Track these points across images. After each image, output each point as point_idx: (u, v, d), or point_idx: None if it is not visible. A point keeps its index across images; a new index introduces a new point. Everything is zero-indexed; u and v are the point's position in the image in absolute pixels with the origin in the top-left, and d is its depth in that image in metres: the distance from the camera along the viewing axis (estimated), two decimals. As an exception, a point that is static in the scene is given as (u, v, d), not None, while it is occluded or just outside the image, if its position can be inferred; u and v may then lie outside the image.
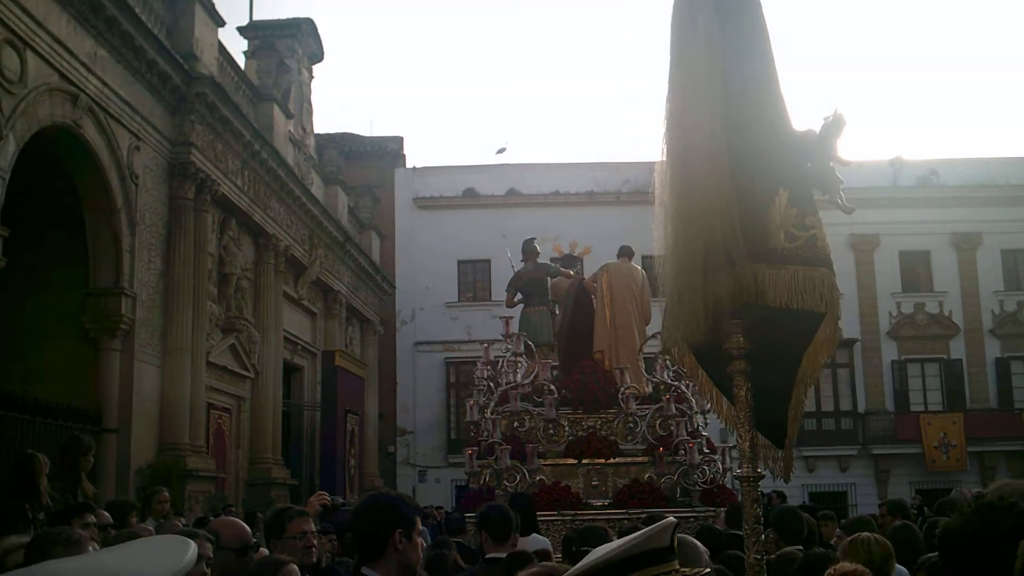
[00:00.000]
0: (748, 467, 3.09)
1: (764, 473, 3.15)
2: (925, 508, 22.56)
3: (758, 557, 2.99)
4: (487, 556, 6.55)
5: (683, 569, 2.65)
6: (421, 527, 4.00)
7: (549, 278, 17.02)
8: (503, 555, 6.16)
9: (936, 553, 5.75)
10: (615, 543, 2.65)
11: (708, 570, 2.82)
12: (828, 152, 3.14)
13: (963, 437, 31.70)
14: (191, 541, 1.71)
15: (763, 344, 3.11)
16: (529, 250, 17.19)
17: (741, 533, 8.25)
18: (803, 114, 3.20)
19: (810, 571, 4.84)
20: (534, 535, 8.42)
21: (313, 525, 5.24)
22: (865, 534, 5.85)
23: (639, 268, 16.58)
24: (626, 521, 13.57)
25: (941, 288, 33.57)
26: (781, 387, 3.23)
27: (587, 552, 5.35)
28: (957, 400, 33.09)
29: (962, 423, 31.96)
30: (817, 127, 3.16)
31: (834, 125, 3.14)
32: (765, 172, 3.07)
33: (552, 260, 18.32)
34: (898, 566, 5.75)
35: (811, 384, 3.19)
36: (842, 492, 31.18)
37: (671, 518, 2.69)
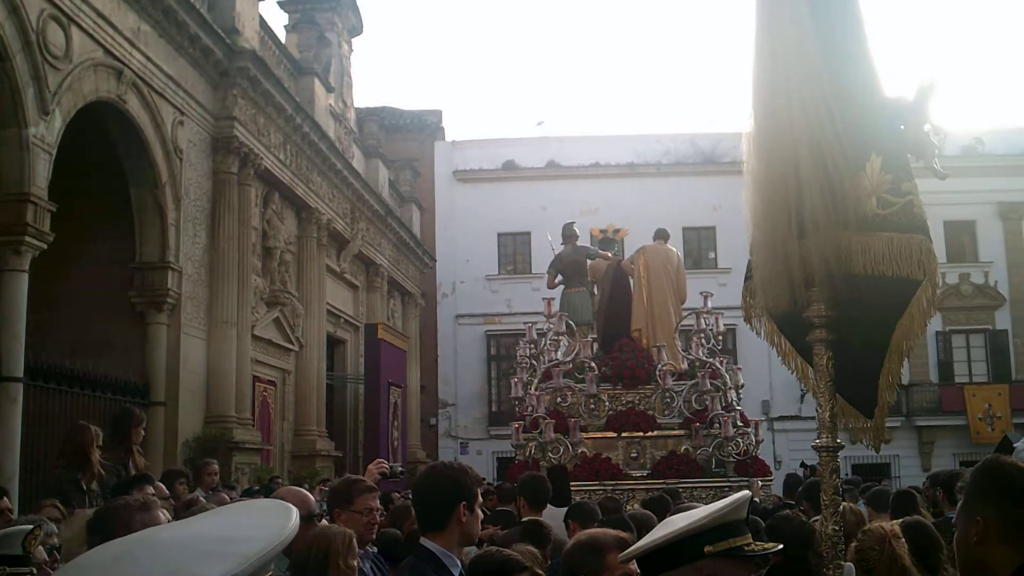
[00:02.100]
0: (827, 437, 3.04)
1: (843, 444, 3.10)
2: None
3: (836, 528, 2.96)
4: (524, 520, 7.06)
5: (755, 543, 2.66)
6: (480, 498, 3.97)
7: (588, 260, 17.79)
8: (539, 520, 6.76)
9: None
10: (697, 514, 2.66)
11: (780, 546, 2.80)
12: (922, 117, 3.08)
13: (1008, 408, 31.34)
14: (293, 507, 1.67)
15: (851, 312, 3.06)
16: (569, 234, 18.00)
17: (792, 502, 8.39)
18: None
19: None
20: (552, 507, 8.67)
21: (378, 502, 5.24)
22: (843, 504, 6.04)
23: (674, 250, 17.46)
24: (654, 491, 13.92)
25: (987, 258, 33.16)
26: (871, 356, 3.18)
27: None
28: (1002, 371, 32.74)
29: (1007, 394, 31.60)
30: (906, 92, 3.11)
31: (928, 89, 3.08)
32: (856, 138, 3.01)
33: (593, 242, 18.88)
34: None
35: (907, 353, 3.13)
36: (885, 464, 30.95)
37: (746, 491, 2.69)
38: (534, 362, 16.55)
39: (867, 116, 3.06)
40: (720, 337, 16.88)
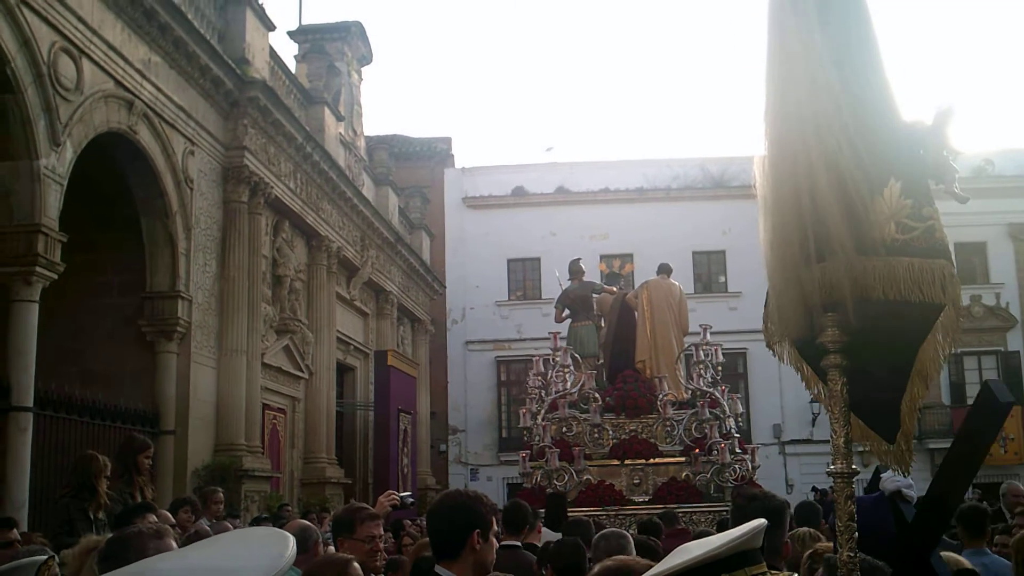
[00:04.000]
0: (842, 463, 3.04)
1: (858, 470, 3.10)
2: (984, 503, 22.20)
3: (851, 555, 2.95)
4: (503, 543, 7.22)
5: (771, 571, 2.65)
6: (496, 527, 3.95)
7: (594, 295, 18.57)
8: (517, 543, 7.21)
9: None
10: (716, 541, 2.65)
11: (796, 575, 2.81)
12: (942, 141, 3.08)
13: (1021, 431, 31.08)
14: (290, 535, 1.67)
15: (869, 338, 3.06)
16: (575, 270, 18.85)
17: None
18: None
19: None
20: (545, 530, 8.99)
21: (382, 529, 5.26)
22: (803, 529, 6.22)
23: (677, 284, 18.29)
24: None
25: (998, 280, 33.09)
26: (891, 381, 3.17)
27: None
28: (1015, 393, 32.19)
29: (1020, 416, 31.29)
30: (924, 116, 3.11)
31: (947, 113, 3.08)
32: (873, 162, 2.99)
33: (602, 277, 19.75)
34: None
35: (932, 378, 3.13)
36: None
37: (763, 520, 2.68)
38: (543, 392, 17.07)
39: (885, 140, 3.04)
40: (719, 367, 17.38)
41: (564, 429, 16.23)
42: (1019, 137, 75.81)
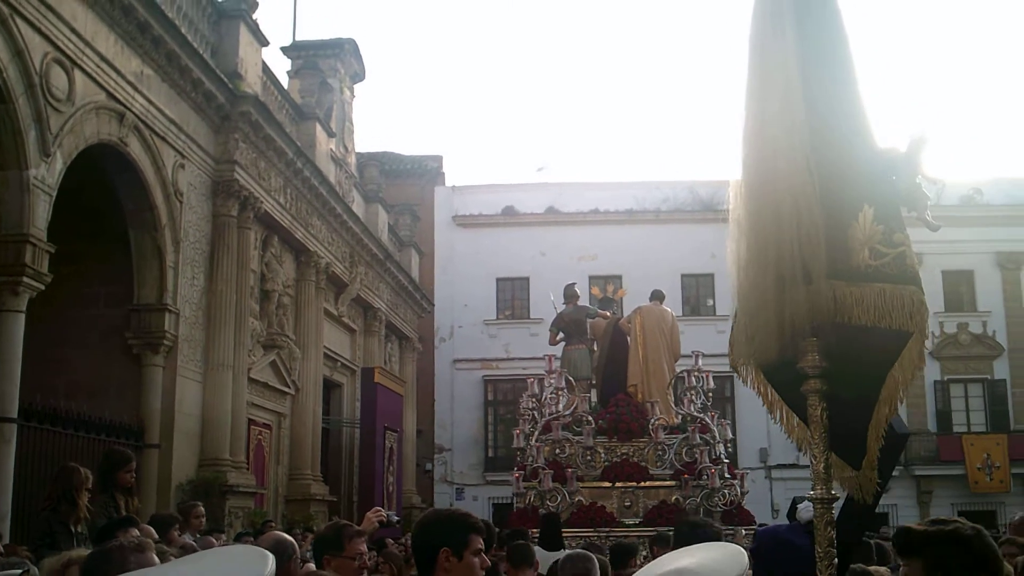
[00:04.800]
0: (822, 488, 3.04)
1: (838, 495, 3.10)
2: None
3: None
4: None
5: None
6: (479, 545, 3.81)
7: (588, 319, 18.96)
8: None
9: None
10: (731, 567, 2.66)
11: None
12: (915, 168, 3.10)
13: (1007, 458, 31.25)
14: (270, 554, 1.67)
15: (839, 363, 3.06)
16: (570, 294, 19.15)
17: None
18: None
19: None
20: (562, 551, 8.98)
21: (366, 546, 5.21)
22: None
23: (669, 310, 18.80)
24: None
25: (985, 308, 33.20)
26: (858, 406, 3.17)
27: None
28: (1001, 421, 32.65)
29: (1006, 444, 31.51)
30: (898, 143, 3.12)
31: (920, 141, 3.10)
32: (848, 188, 3.02)
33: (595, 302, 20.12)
34: None
35: (897, 404, 3.13)
36: (883, 514, 30.74)
37: (744, 562, 2.69)
38: (536, 414, 17.45)
39: (859, 167, 3.06)
40: (710, 393, 17.77)
41: (557, 450, 16.54)
42: (1008, 166, 76.25)
